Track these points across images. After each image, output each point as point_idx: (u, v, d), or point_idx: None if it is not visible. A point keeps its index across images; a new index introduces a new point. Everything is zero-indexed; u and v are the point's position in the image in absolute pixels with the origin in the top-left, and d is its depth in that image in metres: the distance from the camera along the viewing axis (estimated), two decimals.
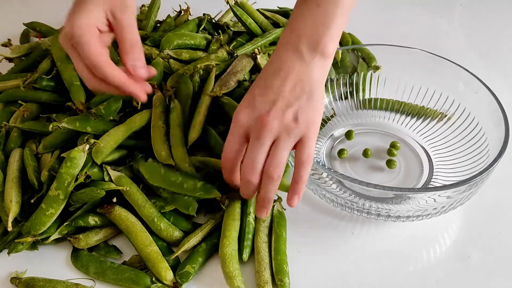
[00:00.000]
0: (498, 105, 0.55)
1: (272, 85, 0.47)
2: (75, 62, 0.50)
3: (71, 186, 0.52)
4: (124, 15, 0.51)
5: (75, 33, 0.48)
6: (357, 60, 0.74)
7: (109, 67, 0.48)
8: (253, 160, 0.46)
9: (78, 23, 0.48)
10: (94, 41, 0.48)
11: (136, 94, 0.50)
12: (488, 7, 0.96)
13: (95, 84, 0.50)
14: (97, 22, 0.50)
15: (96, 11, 0.50)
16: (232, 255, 0.51)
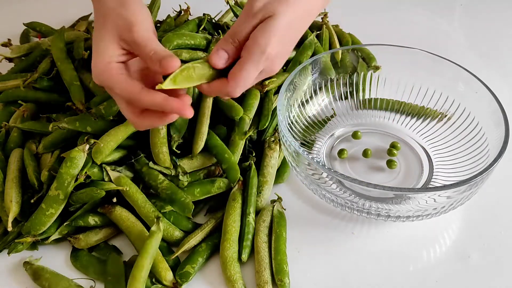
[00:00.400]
0: (498, 105, 0.55)
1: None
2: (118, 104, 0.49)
3: (71, 186, 0.52)
4: (133, 33, 0.47)
5: (99, 80, 0.47)
6: (357, 60, 0.74)
7: (144, 93, 0.46)
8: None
9: (98, 70, 0.47)
10: (119, 78, 0.47)
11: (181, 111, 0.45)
12: (488, 7, 0.96)
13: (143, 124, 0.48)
14: (113, 58, 0.48)
15: (107, 47, 0.48)
16: (233, 258, 0.51)
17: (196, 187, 0.56)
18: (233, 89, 0.47)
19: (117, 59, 0.48)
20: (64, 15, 0.89)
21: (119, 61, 0.48)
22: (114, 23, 0.48)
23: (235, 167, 0.57)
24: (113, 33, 0.48)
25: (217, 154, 0.58)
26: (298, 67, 0.62)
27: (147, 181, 0.55)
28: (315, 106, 0.67)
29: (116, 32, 0.48)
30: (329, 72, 0.67)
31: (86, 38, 0.72)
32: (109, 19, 0.49)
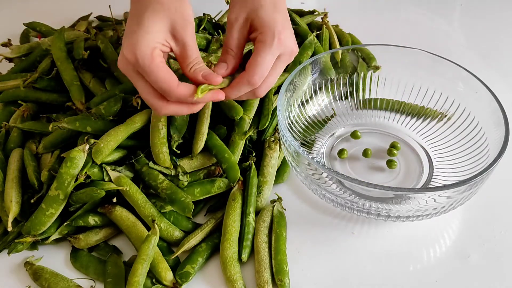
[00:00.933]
0: (498, 105, 0.55)
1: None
2: (141, 89, 0.49)
3: (71, 186, 0.52)
4: (187, 32, 0.48)
5: (139, 61, 0.46)
6: (357, 60, 0.74)
7: (182, 89, 0.47)
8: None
9: (140, 49, 0.46)
10: (161, 67, 0.46)
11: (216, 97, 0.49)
12: (488, 7, 0.96)
13: (168, 110, 0.49)
14: (159, 45, 0.47)
15: (157, 32, 0.47)
16: (233, 258, 0.51)
17: (196, 187, 0.56)
18: (251, 76, 0.49)
19: (161, 47, 0.48)
20: (64, 15, 0.89)
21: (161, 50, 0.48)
22: (170, 15, 0.48)
23: (235, 167, 0.57)
24: (167, 24, 0.48)
25: (217, 154, 0.58)
26: (298, 67, 0.62)
27: (147, 181, 0.55)
28: (315, 106, 0.67)
29: (170, 25, 0.48)
30: (329, 72, 0.67)
31: (86, 38, 0.72)
32: (165, 8, 0.48)
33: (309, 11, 0.86)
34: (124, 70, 0.49)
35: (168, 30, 0.48)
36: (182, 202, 0.53)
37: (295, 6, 0.89)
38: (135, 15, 0.49)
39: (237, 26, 0.52)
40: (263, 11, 0.51)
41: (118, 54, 0.66)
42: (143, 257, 0.48)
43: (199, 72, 0.48)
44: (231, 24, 0.52)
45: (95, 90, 0.64)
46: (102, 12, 0.89)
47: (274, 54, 0.50)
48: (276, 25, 0.51)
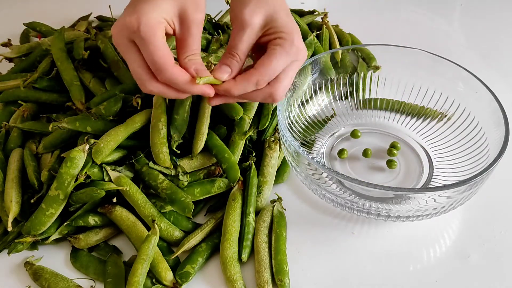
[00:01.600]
0: (498, 105, 0.55)
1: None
2: (131, 60, 0.46)
3: (71, 186, 0.52)
4: (195, 17, 0.46)
5: (141, 29, 0.43)
6: (357, 60, 0.74)
7: (176, 70, 0.45)
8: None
9: (146, 18, 0.43)
10: (162, 42, 0.44)
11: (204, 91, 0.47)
12: (488, 7, 0.96)
13: (154, 88, 0.46)
14: (165, 19, 0.45)
15: (167, 9, 0.45)
16: (233, 258, 0.51)
17: (196, 187, 0.56)
18: (262, 76, 0.47)
19: (166, 25, 0.46)
20: (64, 15, 0.89)
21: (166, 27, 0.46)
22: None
23: (235, 167, 0.57)
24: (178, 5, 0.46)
25: (217, 154, 0.58)
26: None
27: (147, 181, 0.55)
28: (315, 106, 0.67)
29: (181, 7, 0.46)
30: (329, 72, 0.67)
31: (86, 38, 0.72)
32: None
33: (309, 11, 0.86)
34: (117, 36, 0.46)
35: (177, 12, 0.46)
36: (182, 202, 0.53)
37: (295, 6, 0.89)
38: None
39: (251, 29, 0.48)
40: (283, 15, 0.49)
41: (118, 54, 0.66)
42: (143, 257, 0.48)
43: (193, 64, 0.46)
44: (244, 25, 0.48)
45: (95, 90, 0.64)
46: (102, 12, 0.89)
47: (288, 60, 0.49)
48: (295, 32, 0.49)
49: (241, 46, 0.48)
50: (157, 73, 0.45)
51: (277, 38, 0.48)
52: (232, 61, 0.48)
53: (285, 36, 0.48)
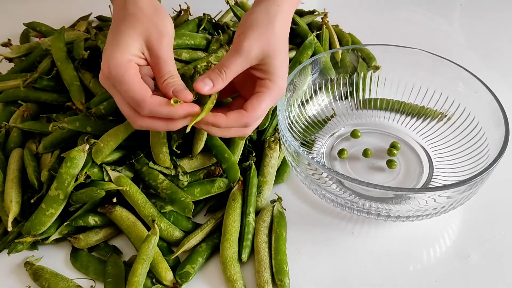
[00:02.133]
0: (498, 105, 0.55)
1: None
2: (117, 101, 0.48)
3: (71, 186, 0.52)
4: (161, 45, 0.48)
5: (112, 73, 0.46)
6: (357, 60, 0.74)
7: (155, 102, 0.46)
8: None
9: (114, 63, 0.46)
10: (134, 79, 0.46)
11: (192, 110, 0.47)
12: (488, 7, 0.96)
13: (143, 123, 0.48)
14: (133, 57, 0.47)
15: (131, 44, 0.47)
16: (233, 258, 0.51)
17: (196, 187, 0.56)
18: (252, 119, 0.49)
19: (136, 60, 0.48)
20: (64, 15, 0.89)
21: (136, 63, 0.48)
22: (145, 28, 0.48)
23: (235, 167, 0.57)
24: (142, 36, 0.48)
25: (217, 154, 0.58)
26: (298, 67, 0.62)
27: (147, 181, 0.55)
28: (315, 106, 0.67)
29: (146, 37, 0.48)
30: (329, 72, 0.67)
31: (86, 38, 0.72)
32: (140, 21, 0.48)
33: (309, 11, 0.86)
34: (103, 83, 0.48)
35: (143, 43, 0.48)
36: (183, 202, 0.53)
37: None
38: (113, 28, 0.49)
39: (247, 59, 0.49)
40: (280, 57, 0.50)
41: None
42: (143, 257, 0.48)
43: (171, 87, 0.47)
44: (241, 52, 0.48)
45: (95, 90, 0.64)
46: (102, 12, 0.89)
47: (273, 104, 0.51)
48: (284, 76, 0.51)
49: (232, 68, 0.49)
50: (139, 110, 0.46)
51: (267, 80, 0.50)
52: (218, 77, 0.48)
53: (276, 80, 0.50)
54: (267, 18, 0.50)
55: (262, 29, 0.49)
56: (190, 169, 0.58)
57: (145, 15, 0.49)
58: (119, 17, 0.50)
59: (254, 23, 0.50)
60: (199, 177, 0.58)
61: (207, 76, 0.48)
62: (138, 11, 0.49)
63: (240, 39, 0.49)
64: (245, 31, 0.49)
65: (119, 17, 0.50)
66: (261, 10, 0.51)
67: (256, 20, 0.50)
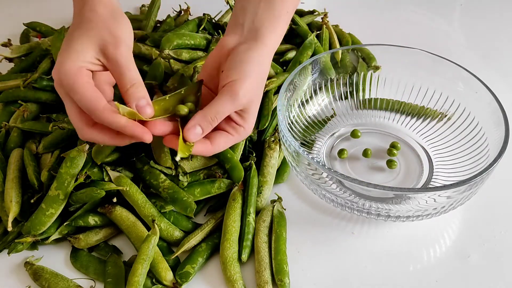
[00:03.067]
0: (498, 105, 0.55)
1: None
2: (67, 110, 0.47)
3: (71, 186, 0.52)
4: (118, 51, 0.47)
5: (63, 81, 0.45)
6: (357, 60, 0.74)
7: (107, 112, 0.44)
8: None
9: (64, 69, 0.45)
10: (86, 87, 0.45)
11: (141, 136, 0.45)
12: (488, 7, 0.96)
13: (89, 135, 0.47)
14: (86, 64, 0.46)
15: (84, 51, 0.46)
16: (233, 258, 0.51)
17: (196, 187, 0.56)
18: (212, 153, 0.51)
19: (89, 66, 0.47)
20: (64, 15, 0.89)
21: (89, 69, 0.47)
22: (100, 33, 0.47)
23: (239, 166, 0.57)
24: (95, 42, 0.47)
25: (219, 155, 0.58)
26: (298, 67, 0.62)
27: (148, 180, 0.55)
28: (315, 106, 0.67)
29: (100, 43, 0.47)
30: (329, 72, 0.67)
31: None
32: (95, 27, 0.47)
33: (309, 11, 0.86)
34: (57, 91, 0.47)
35: (98, 48, 0.47)
36: (184, 202, 0.53)
37: None
38: (68, 34, 0.49)
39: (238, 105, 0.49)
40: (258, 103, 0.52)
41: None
42: (143, 257, 0.48)
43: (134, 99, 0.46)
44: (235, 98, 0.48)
45: None
46: None
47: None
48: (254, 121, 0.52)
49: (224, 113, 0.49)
50: (93, 117, 0.46)
51: (241, 127, 0.51)
52: (208, 125, 0.48)
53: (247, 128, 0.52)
54: (261, 69, 0.51)
55: (255, 80, 0.50)
56: (190, 170, 0.58)
57: (101, 21, 0.48)
58: (75, 23, 0.49)
59: (250, 73, 0.49)
60: (199, 178, 0.58)
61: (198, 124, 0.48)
62: (94, 16, 0.48)
63: (236, 87, 0.48)
64: (241, 78, 0.49)
65: (75, 22, 0.49)
66: (255, 60, 0.50)
67: (252, 70, 0.50)
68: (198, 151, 0.49)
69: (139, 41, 0.73)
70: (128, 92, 0.46)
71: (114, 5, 0.51)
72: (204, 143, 0.49)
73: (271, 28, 0.53)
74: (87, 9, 0.49)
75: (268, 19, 0.53)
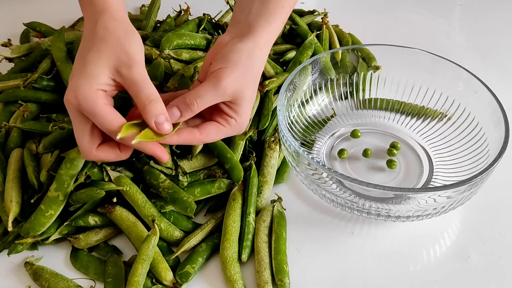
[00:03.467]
0: (498, 105, 0.55)
1: None
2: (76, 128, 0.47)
3: (71, 187, 0.52)
4: (133, 70, 0.47)
5: (82, 105, 0.45)
6: (357, 60, 0.74)
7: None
8: None
9: (83, 94, 0.45)
10: (105, 110, 0.45)
11: (159, 155, 0.48)
12: (488, 7, 0.96)
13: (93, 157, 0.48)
14: (103, 86, 0.46)
15: (100, 74, 0.46)
16: (233, 258, 0.51)
17: (196, 187, 0.56)
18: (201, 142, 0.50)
19: (105, 87, 0.47)
20: (64, 15, 0.89)
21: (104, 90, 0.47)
22: (114, 53, 0.47)
23: (238, 166, 0.57)
24: (110, 62, 0.47)
25: (219, 155, 0.58)
26: (298, 67, 0.62)
27: (148, 180, 0.55)
28: (315, 106, 0.67)
29: (115, 63, 0.47)
30: (329, 72, 0.67)
31: None
32: (108, 46, 0.47)
33: (309, 11, 0.87)
34: (67, 108, 0.47)
35: (113, 69, 0.47)
36: (185, 202, 0.53)
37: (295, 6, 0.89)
38: (81, 53, 0.48)
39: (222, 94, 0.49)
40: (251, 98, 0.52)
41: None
42: (143, 257, 0.48)
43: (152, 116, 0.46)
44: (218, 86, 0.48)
45: None
46: None
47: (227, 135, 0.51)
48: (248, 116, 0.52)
49: (205, 99, 0.49)
50: (114, 138, 0.46)
51: (233, 119, 0.51)
52: (187, 108, 0.48)
53: (241, 122, 0.51)
54: (250, 61, 0.51)
55: (243, 71, 0.50)
56: (190, 170, 0.58)
57: (115, 39, 0.48)
58: (88, 40, 0.49)
59: (237, 62, 0.49)
60: (199, 178, 0.58)
61: (176, 106, 0.48)
62: (107, 34, 0.48)
63: (220, 74, 0.49)
64: (227, 67, 0.49)
65: (88, 39, 0.49)
66: (243, 51, 0.50)
67: (239, 60, 0.50)
68: (183, 139, 0.49)
69: None
70: (146, 109, 0.46)
71: (125, 20, 0.51)
72: (190, 131, 0.49)
73: (265, 23, 0.53)
74: (101, 26, 0.48)
75: (261, 14, 0.53)
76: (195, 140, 0.50)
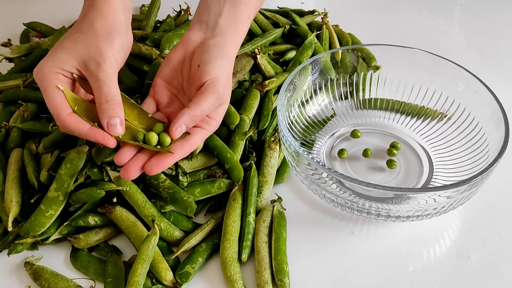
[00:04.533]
0: (498, 105, 0.55)
1: None
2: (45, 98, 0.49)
3: (71, 187, 0.52)
4: (100, 69, 0.48)
5: (38, 81, 0.48)
6: (357, 60, 0.74)
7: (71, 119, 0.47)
8: None
9: (42, 70, 0.48)
10: (53, 93, 0.47)
11: (103, 141, 0.47)
12: (488, 7, 0.96)
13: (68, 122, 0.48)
14: (62, 69, 0.48)
15: (65, 58, 0.48)
16: (233, 258, 0.51)
17: (196, 187, 0.56)
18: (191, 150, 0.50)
19: (67, 74, 0.49)
20: (64, 15, 0.89)
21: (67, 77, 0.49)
22: (87, 47, 0.49)
23: (238, 166, 0.57)
24: (81, 54, 0.49)
25: (219, 155, 0.58)
26: (298, 67, 0.62)
27: (148, 180, 0.55)
28: (315, 106, 0.67)
29: (84, 57, 0.48)
30: (329, 72, 0.67)
31: None
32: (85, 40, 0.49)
33: (309, 11, 0.87)
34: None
35: (81, 62, 0.49)
36: (185, 202, 0.53)
37: (295, 6, 0.89)
38: (63, 38, 0.50)
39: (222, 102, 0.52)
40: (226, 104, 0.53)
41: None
42: (143, 257, 0.48)
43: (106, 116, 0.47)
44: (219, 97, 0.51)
45: None
46: None
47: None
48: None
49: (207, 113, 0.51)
50: (57, 122, 0.48)
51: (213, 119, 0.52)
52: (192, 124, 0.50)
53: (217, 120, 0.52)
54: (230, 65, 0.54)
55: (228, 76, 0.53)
56: (190, 170, 0.58)
57: (94, 36, 0.49)
58: (73, 29, 0.51)
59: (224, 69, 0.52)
60: (199, 178, 0.58)
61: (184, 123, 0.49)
62: (89, 30, 0.50)
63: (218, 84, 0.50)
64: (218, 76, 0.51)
65: (74, 28, 0.51)
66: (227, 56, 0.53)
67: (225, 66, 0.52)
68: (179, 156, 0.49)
69: (139, 41, 0.73)
70: (101, 107, 0.47)
71: (116, 22, 0.52)
72: (182, 147, 0.49)
73: (234, 32, 0.55)
74: (88, 20, 0.51)
75: (231, 21, 0.55)
76: (186, 153, 0.50)
